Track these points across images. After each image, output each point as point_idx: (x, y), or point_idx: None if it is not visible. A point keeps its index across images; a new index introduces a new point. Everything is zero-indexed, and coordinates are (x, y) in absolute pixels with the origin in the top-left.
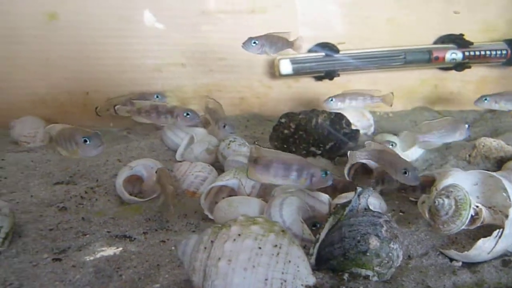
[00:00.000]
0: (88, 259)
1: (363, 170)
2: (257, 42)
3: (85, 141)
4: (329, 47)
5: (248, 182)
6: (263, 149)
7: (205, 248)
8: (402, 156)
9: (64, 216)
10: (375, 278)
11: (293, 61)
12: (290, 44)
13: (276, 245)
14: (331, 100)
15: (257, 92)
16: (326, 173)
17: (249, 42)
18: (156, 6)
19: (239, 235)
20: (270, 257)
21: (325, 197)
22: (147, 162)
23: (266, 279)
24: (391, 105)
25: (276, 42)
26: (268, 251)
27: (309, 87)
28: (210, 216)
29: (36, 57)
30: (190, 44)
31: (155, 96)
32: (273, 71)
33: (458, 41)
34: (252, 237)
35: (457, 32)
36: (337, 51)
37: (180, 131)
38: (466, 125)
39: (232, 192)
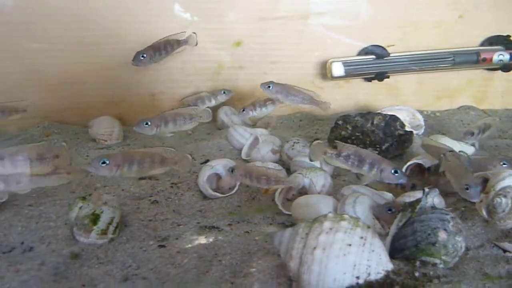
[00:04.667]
0: (188, 246)
1: (418, 169)
2: (145, 55)
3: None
4: (379, 50)
5: (319, 181)
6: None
7: (301, 238)
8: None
9: (157, 208)
10: (442, 265)
11: (345, 64)
12: (183, 43)
13: (362, 237)
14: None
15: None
16: (396, 171)
17: (137, 57)
18: (218, 12)
19: (331, 228)
20: (358, 247)
21: (388, 195)
22: (225, 162)
23: (354, 265)
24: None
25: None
26: (356, 242)
27: (359, 87)
28: (284, 211)
29: (106, 62)
30: (247, 48)
31: (222, 92)
32: (325, 73)
33: (505, 42)
34: (342, 231)
35: (504, 33)
36: (388, 53)
37: (245, 132)
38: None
39: (302, 190)
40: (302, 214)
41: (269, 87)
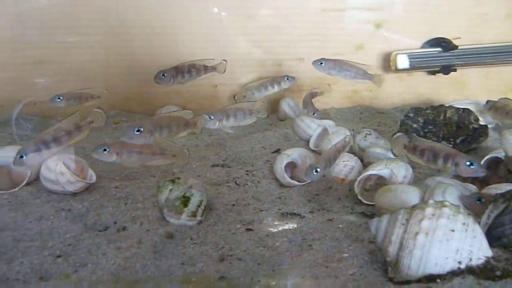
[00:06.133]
0: (275, 231)
1: (495, 164)
2: (166, 75)
3: None
4: (446, 43)
5: (400, 172)
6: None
7: (402, 224)
8: None
9: (237, 194)
10: None
11: (411, 56)
12: (210, 69)
13: (464, 223)
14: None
15: (370, 85)
16: (472, 163)
17: (158, 75)
18: (276, 4)
19: (433, 214)
20: (460, 233)
21: (473, 187)
22: (301, 151)
23: (457, 250)
24: None
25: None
26: (458, 228)
27: (421, 81)
28: (363, 201)
29: (170, 53)
30: (308, 40)
31: (285, 78)
32: (388, 65)
33: None
34: (445, 217)
35: None
36: (455, 46)
37: (312, 123)
38: None
39: (379, 180)
40: (388, 203)
41: (321, 63)
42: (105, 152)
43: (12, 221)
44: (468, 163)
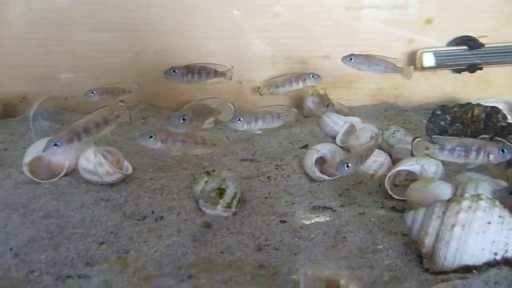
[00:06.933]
0: (308, 223)
1: None
2: (176, 71)
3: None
4: (472, 41)
5: (431, 168)
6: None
7: (438, 217)
8: None
9: (268, 187)
10: None
11: (436, 54)
12: (220, 74)
13: (500, 216)
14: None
15: (395, 83)
16: (503, 150)
17: (169, 71)
18: (301, 2)
19: (470, 207)
20: (496, 225)
21: (503, 183)
22: (330, 146)
23: (493, 242)
24: None
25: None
26: (495, 220)
27: (446, 79)
28: (393, 196)
29: (197, 50)
30: (333, 38)
31: (311, 75)
32: (413, 64)
33: None
34: (481, 209)
35: None
36: (481, 45)
37: (339, 119)
38: None
39: (409, 176)
40: (420, 198)
41: (351, 59)
42: (151, 139)
43: (55, 209)
44: (500, 150)
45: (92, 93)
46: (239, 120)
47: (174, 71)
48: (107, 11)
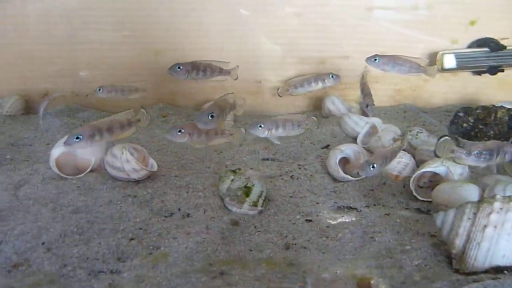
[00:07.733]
0: (333, 223)
1: None
2: (181, 68)
3: None
4: (494, 43)
5: (456, 169)
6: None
7: (469, 218)
8: None
9: (292, 187)
10: None
11: (457, 56)
12: (225, 72)
13: None
14: None
15: (414, 84)
16: None
17: (174, 67)
18: (322, 2)
19: (501, 208)
20: None
21: None
22: (354, 146)
23: None
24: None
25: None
26: None
27: (467, 81)
28: (418, 197)
29: (217, 49)
30: (354, 38)
31: (330, 76)
32: (431, 65)
33: None
34: None
35: None
36: (503, 47)
37: (360, 120)
38: None
39: (434, 177)
40: (447, 199)
41: (375, 60)
42: (179, 133)
43: (83, 204)
44: None
45: (99, 89)
46: (260, 126)
47: (179, 67)
48: (129, 11)
